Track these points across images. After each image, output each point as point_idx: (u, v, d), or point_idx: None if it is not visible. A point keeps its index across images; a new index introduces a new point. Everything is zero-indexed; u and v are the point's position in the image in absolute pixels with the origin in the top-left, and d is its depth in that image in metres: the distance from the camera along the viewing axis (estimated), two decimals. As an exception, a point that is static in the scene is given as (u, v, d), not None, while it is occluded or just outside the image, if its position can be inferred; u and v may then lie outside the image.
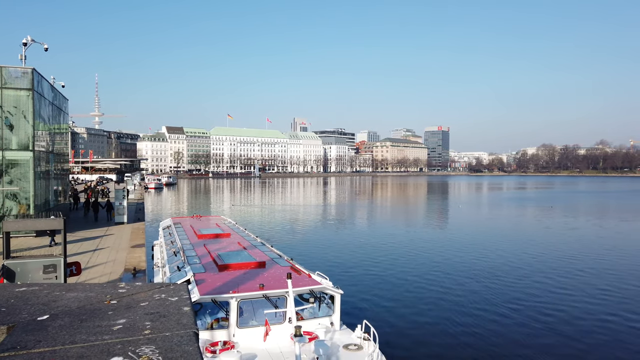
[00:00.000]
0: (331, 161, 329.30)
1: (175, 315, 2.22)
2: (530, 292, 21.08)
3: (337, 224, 49.30)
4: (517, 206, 74.07)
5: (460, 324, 16.81)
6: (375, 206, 75.93)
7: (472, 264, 27.20)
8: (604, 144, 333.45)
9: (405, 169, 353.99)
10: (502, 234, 41.07)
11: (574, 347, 14.75)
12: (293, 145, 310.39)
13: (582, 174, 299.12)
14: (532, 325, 16.60)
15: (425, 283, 22.69)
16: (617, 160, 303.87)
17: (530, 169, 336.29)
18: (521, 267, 26.47)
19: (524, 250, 31.62)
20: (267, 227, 44.07)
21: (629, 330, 16.31)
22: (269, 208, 68.72)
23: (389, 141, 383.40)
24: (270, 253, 15.68)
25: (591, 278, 23.77)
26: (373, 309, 18.54)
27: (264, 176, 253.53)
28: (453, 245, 34.04)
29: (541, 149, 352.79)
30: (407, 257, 29.40)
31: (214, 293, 10.90)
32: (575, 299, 19.90)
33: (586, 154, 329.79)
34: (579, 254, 30.28)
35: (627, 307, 18.87)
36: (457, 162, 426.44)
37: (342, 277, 23.54)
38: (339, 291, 11.94)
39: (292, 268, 13.35)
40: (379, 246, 33.55)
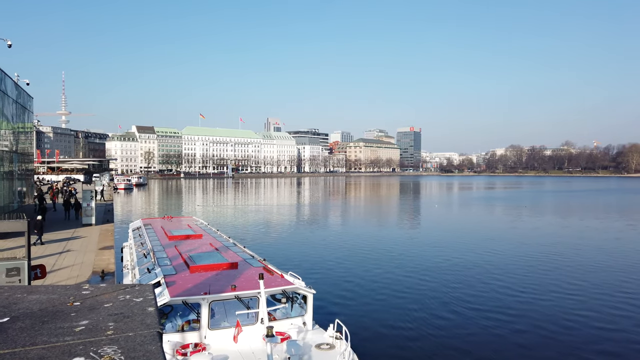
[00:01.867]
0: (305, 161, 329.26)
1: (139, 316, 2.21)
2: (499, 289, 21.61)
3: (311, 224, 49.36)
4: (489, 206, 75.82)
5: (430, 321, 17.10)
6: (349, 206, 76.37)
7: (444, 262, 27.70)
8: (569, 145, 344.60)
9: (378, 169, 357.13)
10: (475, 233, 41.93)
11: (543, 343, 15.21)
12: (266, 146, 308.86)
13: (548, 174, 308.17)
14: (499, 323, 17.03)
15: (397, 282, 22.97)
16: (581, 161, 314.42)
17: (499, 169, 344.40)
18: (493, 266, 27.10)
19: (496, 250, 32.38)
20: (239, 228, 43.74)
21: (586, 325, 16.93)
22: (242, 209, 68.22)
23: (362, 141, 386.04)
24: (242, 254, 15.60)
25: (557, 275, 24.55)
26: (345, 308, 18.67)
27: (237, 176, 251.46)
28: (426, 245, 34.57)
29: (509, 149, 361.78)
30: (379, 256, 29.68)
31: (184, 295, 10.77)
32: (543, 297, 20.52)
33: (552, 154, 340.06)
34: (546, 253, 31.22)
35: (589, 304, 19.58)
36: (429, 163, 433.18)
37: (315, 277, 23.58)
38: (311, 291, 11.99)
39: (265, 269, 13.33)
40: (352, 246, 33.76)
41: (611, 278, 23.87)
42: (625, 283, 22.82)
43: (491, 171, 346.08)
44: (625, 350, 14.56)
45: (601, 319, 17.44)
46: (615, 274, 24.86)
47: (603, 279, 23.73)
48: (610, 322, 17.10)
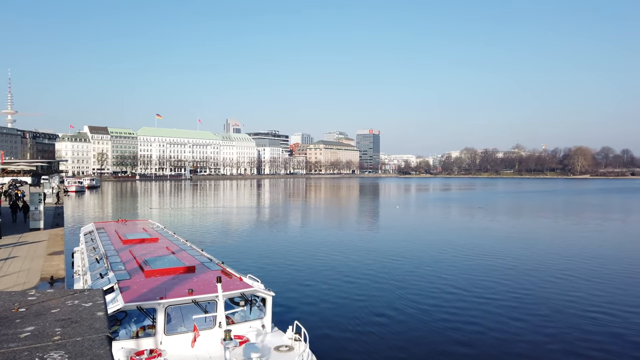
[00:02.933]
0: (265, 163, 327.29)
1: (87, 321, 2.17)
2: (454, 290, 22.27)
3: (271, 226, 49.15)
4: (445, 207, 77.94)
5: (387, 321, 17.42)
6: (309, 208, 76.55)
7: (402, 263, 28.27)
8: (520, 148, 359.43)
9: (338, 171, 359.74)
10: (432, 234, 42.99)
11: (494, 340, 15.81)
12: (226, 147, 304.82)
13: (500, 175, 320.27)
14: (457, 320, 17.58)
15: (357, 282, 23.23)
16: (531, 163, 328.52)
17: (454, 171, 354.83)
18: (448, 266, 27.88)
19: (452, 250, 33.32)
20: (197, 231, 42.97)
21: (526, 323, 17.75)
22: (200, 211, 67.00)
23: (322, 144, 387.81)
24: (200, 257, 15.36)
25: (503, 274, 25.58)
26: (305, 309, 18.72)
27: (195, 178, 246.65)
28: (384, 246, 35.13)
29: (464, 152, 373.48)
30: (340, 257, 29.93)
31: (139, 300, 10.51)
32: (492, 296, 21.32)
33: (504, 157, 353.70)
34: (496, 252, 32.45)
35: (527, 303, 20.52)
36: (388, 165, 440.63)
37: (275, 279, 23.52)
38: (270, 293, 11.97)
39: (223, 272, 13.19)
40: (313, 247, 33.87)
41: (556, 274, 25.08)
42: (568, 278, 24.05)
43: (447, 173, 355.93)
44: (574, 343, 15.36)
45: (538, 314, 18.31)
46: (560, 270, 26.13)
47: (547, 275, 24.90)
48: (551, 317, 17.98)
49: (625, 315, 18.00)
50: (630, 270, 26.18)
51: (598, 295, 20.90)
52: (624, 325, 16.91)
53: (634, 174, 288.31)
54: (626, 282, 23.50)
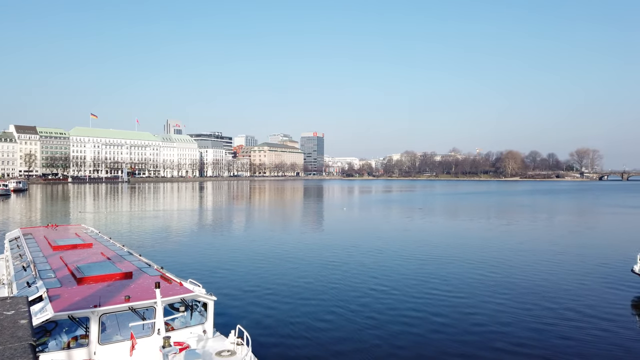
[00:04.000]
0: (207, 165, 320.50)
1: (9, 329, 2.03)
2: (395, 290, 22.93)
3: (213, 229, 48.20)
4: (388, 208, 79.98)
5: (330, 323, 17.63)
6: (253, 210, 75.82)
7: (345, 264, 28.68)
8: (456, 151, 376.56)
9: (282, 174, 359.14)
10: (374, 235, 43.90)
11: (424, 339, 16.44)
12: (166, 149, 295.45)
13: (438, 177, 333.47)
14: (396, 322, 18.11)
15: (300, 284, 23.31)
16: (466, 166, 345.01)
17: (396, 174, 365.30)
18: (390, 266, 28.61)
19: (394, 250, 34.23)
20: (135, 236, 41.32)
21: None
22: (138, 215, 64.43)
23: (266, 146, 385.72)
24: (138, 262, 14.83)
25: (446, 275, 26.68)
26: (248, 313, 18.55)
27: (133, 181, 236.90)
28: (329, 247, 35.46)
29: (404, 155, 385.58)
30: (283, 260, 29.89)
31: (71, 309, 9.98)
32: (426, 296, 22.17)
33: (441, 160, 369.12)
34: (435, 252, 33.75)
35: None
36: (332, 167, 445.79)
37: (217, 283, 23.11)
38: (212, 298, 11.77)
39: (162, 277, 12.82)
40: (256, 250, 33.59)
41: (485, 271, 26.49)
42: (496, 275, 25.49)
43: (388, 175, 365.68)
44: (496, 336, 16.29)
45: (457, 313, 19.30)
46: (491, 267, 27.63)
47: (477, 272, 26.25)
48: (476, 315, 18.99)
49: (551, 306, 19.35)
50: (549, 267, 28.11)
51: (522, 290, 22.30)
52: (547, 320, 18.16)
53: (558, 176, 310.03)
54: (546, 277, 25.21)
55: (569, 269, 27.19)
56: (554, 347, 15.13)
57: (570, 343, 15.53)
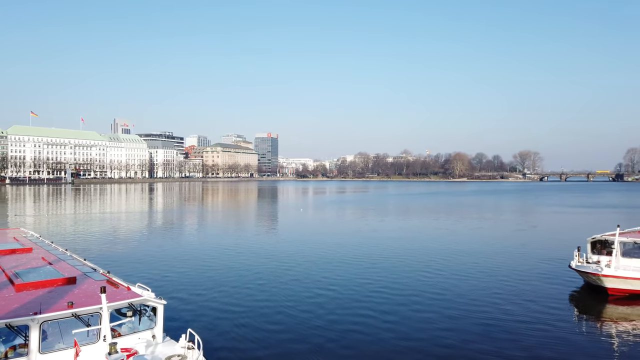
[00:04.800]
0: (158, 166, 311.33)
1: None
2: (350, 287, 23.26)
3: (164, 232, 46.92)
4: (341, 208, 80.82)
5: (281, 325, 17.64)
6: (206, 212, 74.42)
7: (297, 266, 28.76)
8: (407, 153, 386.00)
9: (236, 175, 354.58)
10: (328, 236, 44.24)
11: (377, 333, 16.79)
12: (113, 149, 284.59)
13: (390, 178, 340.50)
14: (343, 321, 18.37)
15: (251, 286, 23.15)
16: (417, 167, 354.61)
17: (349, 175, 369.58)
18: (345, 266, 28.95)
19: (346, 249, 34.64)
20: (80, 239, 39.57)
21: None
22: (83, 218, 61.68)
23: (219, 146, 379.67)
24: (82, 267, 14.25)
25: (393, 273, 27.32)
26: (200, 316, 18.23)
27: (77, 182, 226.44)
28: (281, 249, 35.42)
29: (358, 156, 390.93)
30: (236, 262, 29.57)
31: (8, 317, 9.48)
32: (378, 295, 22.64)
33: (393, 161, 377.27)
34: (384, 251, 34.48)
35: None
36: (286, 168, 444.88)
37: (168, 287, 22.57)
38: (161, 302, 11.51)
39: (109, 282, 12.41)
40: (209, 253, 33.03)
41: (432, 269, 27.38)
42: (441, 272, 26.40)
43: (342, 176, 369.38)
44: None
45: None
46: (434, 265, 28.59)
47: (428, 270, 27.09)
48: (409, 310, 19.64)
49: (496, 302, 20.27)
50: (494, 265, 29.43)
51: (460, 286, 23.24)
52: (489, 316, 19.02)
53: (502, 177, 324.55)
54: (491, 275, 26.38)
55: (512, 266, 28.54)
56: (500, 342, 15.87)
57: (515, 337, 16.33)
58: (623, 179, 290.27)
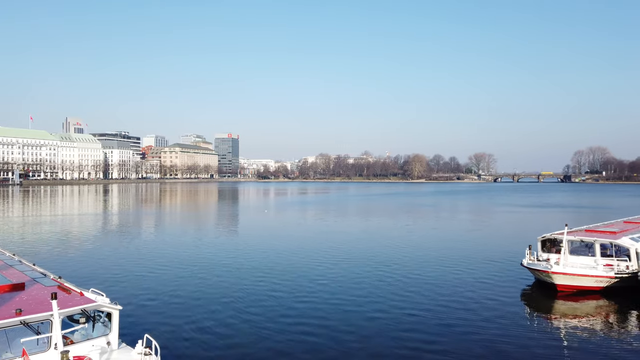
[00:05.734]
0: (113, 167, 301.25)
1: None
2: (310, 290, 23.33)
3: (119, 235, 45.42)
4: (303, 209, 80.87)
5: (238, 326, 17.49)
6: (164, 214, 72.64)
7: (256, 268, 28.60)
8: (368, 154, 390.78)
9: (195, 176, 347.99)
10: (290, 236, 44.18)
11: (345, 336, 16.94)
12: (65, 149, 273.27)
13: (351, 179, 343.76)
14: (300, 323, 18.41)
15: (210, 290, 22.82)
16: (377, 168, 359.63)
17: (311, 176, 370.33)
18: (305, 268, 29.00)
19: (309, 252, 34.71)
20: (29, 243, 37.76)
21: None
22: (32, 220, 58.84)
23: (178, 147, 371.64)
24: (31, 272, 13.62)
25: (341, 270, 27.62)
26: (158, 321, 17.79)
27: (26, 183, 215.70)
28: (241, 251, 35.08)
29: (319, 157, 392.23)
30: (194, 265, 29.04)
31: None
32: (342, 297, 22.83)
33: (354, 162, 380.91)
34: (346, 253, 34.81)
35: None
36: (247, 169, 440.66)
37: (123, 291, 21.90)
38: (117, 307, 11.18)
39: (60, 287, 11.92)
40: (166, 256, 32.26)
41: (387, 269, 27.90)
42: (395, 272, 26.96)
43: (304, 177, 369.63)
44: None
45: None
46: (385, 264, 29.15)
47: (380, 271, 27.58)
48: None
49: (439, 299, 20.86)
50: (449, 265, 30.30)
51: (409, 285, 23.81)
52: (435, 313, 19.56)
53: (459, 178, 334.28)
54: (446, 275, 27.14)
55: (467, 265, 29.43)
56: (454, 340, 16.34)
57: (468, 334, 16.86)
58: (571, 180, 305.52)
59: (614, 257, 23.60)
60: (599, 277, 22.27)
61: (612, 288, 22.22)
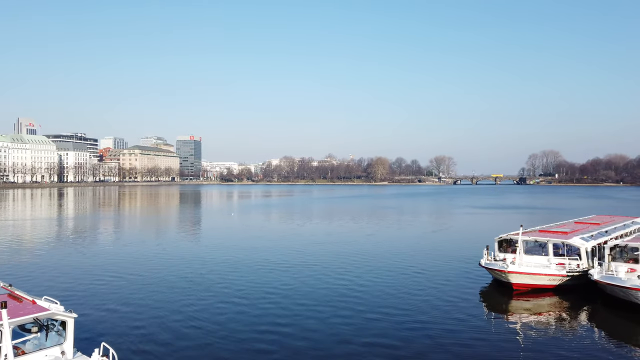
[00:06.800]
0: (68, 169, 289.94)
1: None
2: (272, 295, 23.22)
3: (74, 240, 43.71)
4: (267, 212, 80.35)
5: (195, 332, 17.23)
6: (122, 219, 70.47)
7: (217, 272, 28.24)
8: (331, 157, 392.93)
9: (156, 179, 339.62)
10: (251, 241, 43.78)
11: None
12: (17, 150, 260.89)
13: (315, 182, 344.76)
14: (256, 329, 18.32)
15: (167, 295, 22.34)
16: (341, 171, 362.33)
17: (275, 178, 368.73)
18: (264, 272, 28.85)
19: (270, 256, 34.53)
20: (-24, 250, 35.76)
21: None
22: (-20, 226, 55.75)
23: (138, 149, 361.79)
24: (-22, 281, 12.93)
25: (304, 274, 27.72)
26: (115, 328, 17.26)
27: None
28: (201, 256, 34.52)
29: (283, 160, 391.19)
30: (152, 271, 28.39)
31: None
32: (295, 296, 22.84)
33: (318, 165, 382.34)
34: (305, 255, 34.87)
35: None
36: (210, 172, 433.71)
37: (79, 299, 21.15)
38: (72, 315, 10.80)
39: (10, 296, 11.40)
40: (124, 262, 31.35)
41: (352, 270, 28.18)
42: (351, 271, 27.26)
43: (267, 180, 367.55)
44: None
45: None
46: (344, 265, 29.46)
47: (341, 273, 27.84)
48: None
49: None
50: (411, 266, 30.90)
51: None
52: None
53: (420, 180, 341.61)
54: (407, 276, 27.66)
55: (428, 266, 30.10)
56: (414, 339, 16.69)
57: (428, 333, 17.26)
58: (526, 182, 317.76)
59: (566, 256, 24.71)
60: (552, 275, 23.24)
61: (564, 286, 23.24)
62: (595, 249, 24.76)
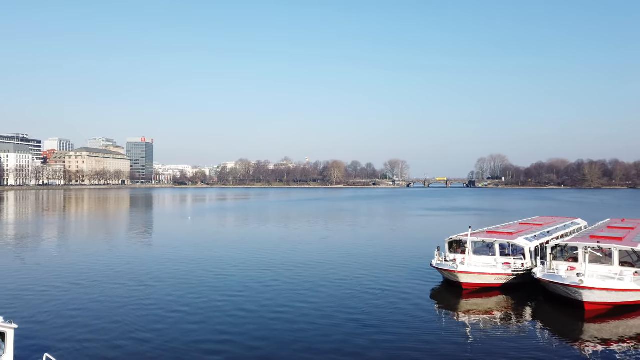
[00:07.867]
0: (9, 172, 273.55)
1: None
2: (222, 298, 22.90)
3: (15, 247, 41.34)
4: (222, 216, 79.11)
5: (144, 340, 16.80)
6: (68, 223, 67.26)
7: (167, 279, 27.60)
8: (288, 160, 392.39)
9: (105, 182, 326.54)
10: (205, 244, 43.00)
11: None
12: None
13: (271, 185, 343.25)
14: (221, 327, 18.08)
15: (113, 303, 21.59)
16: (297, 174, 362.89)
17: (230, 182, 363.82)
18: (215, 276, 28.41)
19: (224, 260, 34.06)
20: None
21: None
22: None
23: (85, 151, 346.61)
24: None
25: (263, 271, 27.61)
26: (58, 339, 16.47)
27: None
28: (151, 261, 33.60)
29: (239, 163, 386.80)
30: (98, 277, 27.34)
31: None
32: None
33: (274, 168, 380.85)
34: (262, 258, 34.69)
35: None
36: (162, 175, 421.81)
37: (20, 309, 20.03)
38: (11, 326, 10.25)
39: (-58, 307, 10.64)
40: (70, 269, 30.00)
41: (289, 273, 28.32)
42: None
43: (223, 183, 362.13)
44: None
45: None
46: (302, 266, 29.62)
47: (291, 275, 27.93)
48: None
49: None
50: (363, 267, 31.40)
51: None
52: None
53: (375, 183, 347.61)
54: (359, 277, 28.08)
55: (380, 266, 30.69)
56: (366, 338, 16.93)
57: (381, 333, 17.57)
58: (475, 185, 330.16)
59: (511, 256, 25.87)
60: (499, 274, 24.26)
61: (510, 285, 24.31)
62: (538, 249, 26.07)
